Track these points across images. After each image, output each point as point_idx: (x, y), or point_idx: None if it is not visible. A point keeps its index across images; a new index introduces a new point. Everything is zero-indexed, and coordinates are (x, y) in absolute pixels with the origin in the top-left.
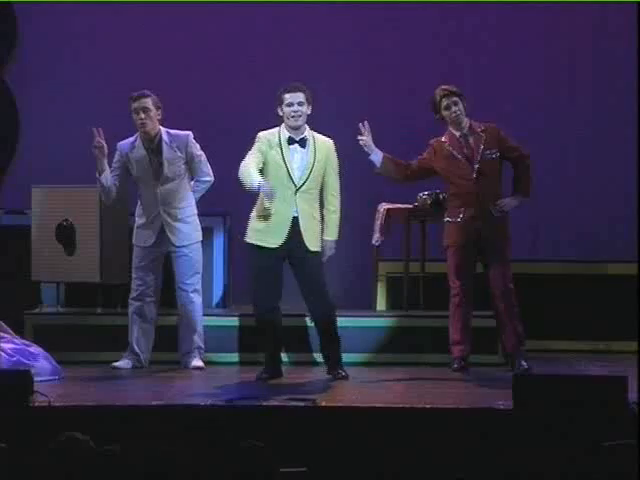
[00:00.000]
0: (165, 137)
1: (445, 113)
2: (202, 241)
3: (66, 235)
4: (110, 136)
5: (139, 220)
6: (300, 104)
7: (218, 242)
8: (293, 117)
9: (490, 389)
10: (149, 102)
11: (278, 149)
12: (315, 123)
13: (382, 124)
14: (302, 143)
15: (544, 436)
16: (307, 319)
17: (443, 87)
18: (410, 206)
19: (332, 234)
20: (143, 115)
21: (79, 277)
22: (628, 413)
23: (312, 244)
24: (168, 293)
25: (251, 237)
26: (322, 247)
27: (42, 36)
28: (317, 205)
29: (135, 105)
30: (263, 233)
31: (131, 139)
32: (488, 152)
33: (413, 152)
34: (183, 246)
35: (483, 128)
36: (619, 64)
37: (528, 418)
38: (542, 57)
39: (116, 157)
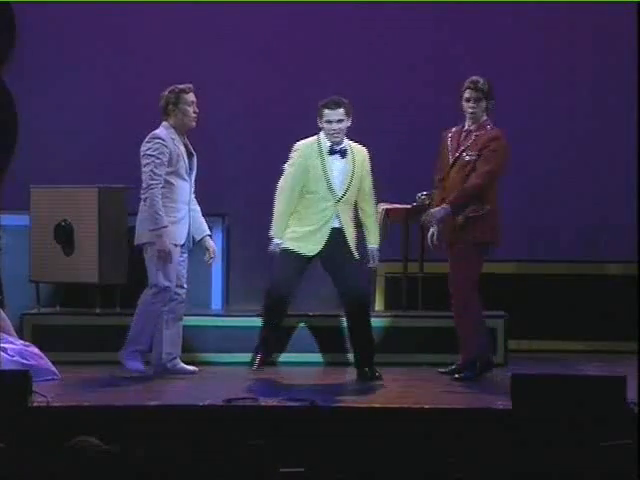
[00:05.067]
0: None
1: (463, 104)
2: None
3: (65, 235)
4: (110, 135)
5: (174, 216)
6: (339, 121)
7: (216, 242)
8: (332, 134)
9: (489, 389)
10: None
11: (319, 159)
12: (313, 123)
13: (381, 121)
14: (343, 153)
15: (543, 436)
16: (312, 320)
17: (473, 79)
18: (409, 206)
19: (376, 240)
20: (197, 110)
21: (78, 277)
22: (627, 413)
23: (356, 252)
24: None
25: (287, 243)
26: (369, 254)
27: (42, 36)
28: (353, 213)
29: (193, 98)
30: (300, 241)
31: (165, 132)
32: (465, 153)
33: (412, 147)
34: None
35: (484, 132)
36: (619, 64)
37: (527, 418)
38: (542, 57)
39: (163, 149)
